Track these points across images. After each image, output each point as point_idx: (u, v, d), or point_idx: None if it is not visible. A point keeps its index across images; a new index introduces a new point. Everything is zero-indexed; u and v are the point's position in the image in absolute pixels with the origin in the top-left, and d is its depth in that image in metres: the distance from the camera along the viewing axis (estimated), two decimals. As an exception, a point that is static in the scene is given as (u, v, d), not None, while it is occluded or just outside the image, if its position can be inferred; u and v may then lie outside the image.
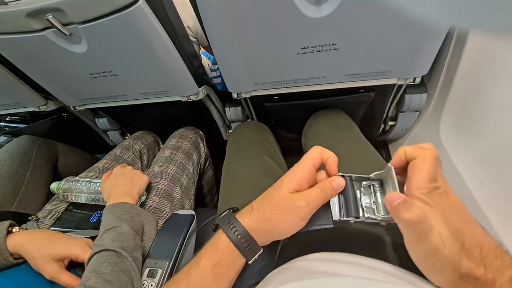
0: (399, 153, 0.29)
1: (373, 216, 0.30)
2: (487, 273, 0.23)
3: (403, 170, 0.30)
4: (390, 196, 0.26)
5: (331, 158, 0.32)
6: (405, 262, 0.30)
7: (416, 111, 0.79)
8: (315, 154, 0.32)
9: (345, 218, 0.31)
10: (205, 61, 1.24)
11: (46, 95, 0.79)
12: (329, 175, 0.33)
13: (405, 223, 0.26)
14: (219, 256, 0.31)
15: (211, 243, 0.33)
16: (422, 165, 0.27)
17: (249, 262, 0.32)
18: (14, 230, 0.49)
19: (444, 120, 0.70)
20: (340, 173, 0.32)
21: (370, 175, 0.32)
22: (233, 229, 0.31)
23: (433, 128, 0.73)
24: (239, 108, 0.85)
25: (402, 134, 0.90)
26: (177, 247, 0.47)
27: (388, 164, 0.30)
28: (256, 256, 0.32)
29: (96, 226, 0.60)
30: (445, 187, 0.27)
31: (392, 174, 0.29)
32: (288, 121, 0.85)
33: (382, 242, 0.37)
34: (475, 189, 0.55)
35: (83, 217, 0.63)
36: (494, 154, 0.54)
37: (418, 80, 0.62)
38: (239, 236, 0.31)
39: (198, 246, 0.55)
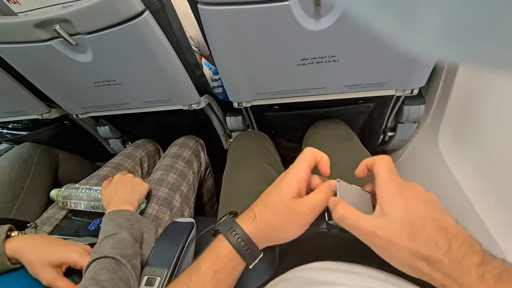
0: (362, 164, 0.34)
1: None
2: (450, 255, 0.24)
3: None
4: (329, 202, 0.31)
5: (324, 159, 0.34)
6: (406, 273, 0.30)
7: (415, 122, 0.80)
8: (309, 154, 0.33)
9: None
10: (207, 71, 1.26)
11: (50, 103, 0.80)
12: (323, 177, 0.34)
13: (338, 221, 0.30)
14: (221, 263, 0.31)
15: (211, 249, 0.32)
16: (381, 164, 0.31)
17: (250, 267, 0.32)
18: (13, 234, 0.49)
19: (442, 131, 0.71)
20: (338, 179, 0.34)
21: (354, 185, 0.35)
22: (235, 236, 0.31)
23: (432, 139, 0.74)
24: (239, 117, 0.86)
25: (402, 144, 0.90)
26: (176, 255, 0.47)
27: (337, 179, 0.34)
28: (256, 261, 0.32)
29: (95, 233, 0.59)
30: (408, 182, 0.30)
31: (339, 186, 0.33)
32: (288, 130, 0.85)
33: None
34: (475, 200, 0.55)
35: (82, 224, 0.63)
36: (493, 165, 0.54)
37: (415, 92, 0.63)
38: (242, 243, 0.31)
39: (197, 254, 0.54)
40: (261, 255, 0.32)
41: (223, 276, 0.31)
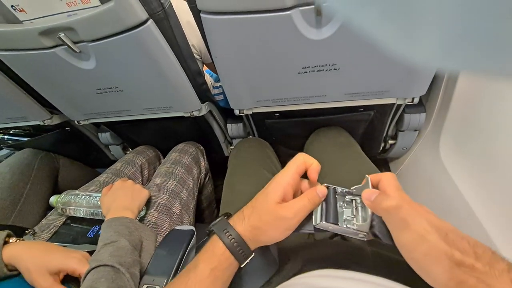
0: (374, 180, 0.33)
1: (351, 226, 0.32)
2: (480, 262, 0.24)
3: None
4: (366, 192, 0.30)
5: (313, 166, 0.34)
6: (410, 281, 0.30)
7: (416, 130, 0.80)
8: (299, 161, 0.34)
9: (324, 222, 0.32)
10: (208, 79, 1.27)
11: (52, 110, 0.81)
12: (311, 183, 0.35)
13: (386, 212, 0.29)
14: (217, 261, 0.32)
15: (207, 248, 0.34)
16: (388, 180, 0.31)
17: (242, 266, 0.33)
18: (11, 240, 0.48)
19: (443, 139, 0.71)
20: (325, 184, 0.35)
21: (352, 189, 0.35)
22: (228, 237, 0.33)
23: (433, 147, 0.74)
24: (240, 124, 0.86)
25: (403, 152, 0.90)
26: (176, 263, 0.46)
27: (366, 175, 0.33)
28: (248, 260, 0.33)
29: (94, 241, 0.59)
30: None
31: (369, 183, 0.33)
32: (289, 138, 0.85)
33: (385, 261, 0.37)
34: (476, 208, 0.54)
35: (81, 231, 0.62)
36: (495, 173, 0.54)
37: (416, 100, 0.64)
38: (235, 244, 0.32)
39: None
40: (252, 255, 0.33)
41: (219, 274, 0.32)
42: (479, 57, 0.10)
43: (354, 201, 0.35)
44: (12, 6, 0.50)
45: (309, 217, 0.34)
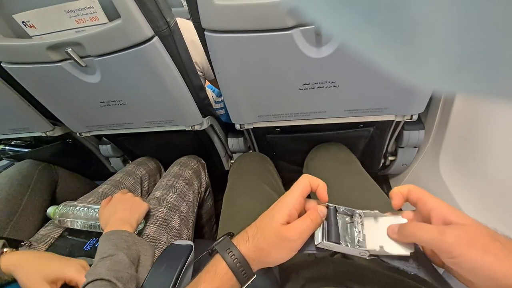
0: (396, 193, 0.33)
1: (352, 244, 0.32)
2: None
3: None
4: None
5: (320, 186, 0.34)
6: None
7: (415, 147, 0.80)
8: (304, 183, 0.34)
9: (325, 242, 0.32)
10: (210, 94, 1.29)
11: (54, 121, 0.81)
12: (318, 201, 0.35)
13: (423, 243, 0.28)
14: (219, 281, 0.32)
15: (210, 268, 0.33)
16: (418, 188, 0.31)
17: None
18: (5, 250, 0.48)
19: (443, 156, 0.71)
20: (327, 203, 0.35)
21: (358, 211, 0.35)
22: (232, 257, 0.32)
23: (433, 164, 0.74)
24: (241, 139, 0.87)
25: (403, 169, 0.90)
26: (173, 280, 0.45)
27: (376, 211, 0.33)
28: (249, 282, 0.33)
29: (90, 254, 0.58)
30: None
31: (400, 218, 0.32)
32: (289, 153, 0.86)
33: (387, 280, 0.36)
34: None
35: (77, 244, 0.61)
36: (495, 190, 0.54)
37: (415, 117, 0.65)
38: (238, 265, 0.32)
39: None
40: (254, 277, 0.33)
41: None
42: (478, 80, 0.10)
43: (354, 219, 0.34)
44: (23, 22, 0.52)
45: (311, 236, 0.33)
